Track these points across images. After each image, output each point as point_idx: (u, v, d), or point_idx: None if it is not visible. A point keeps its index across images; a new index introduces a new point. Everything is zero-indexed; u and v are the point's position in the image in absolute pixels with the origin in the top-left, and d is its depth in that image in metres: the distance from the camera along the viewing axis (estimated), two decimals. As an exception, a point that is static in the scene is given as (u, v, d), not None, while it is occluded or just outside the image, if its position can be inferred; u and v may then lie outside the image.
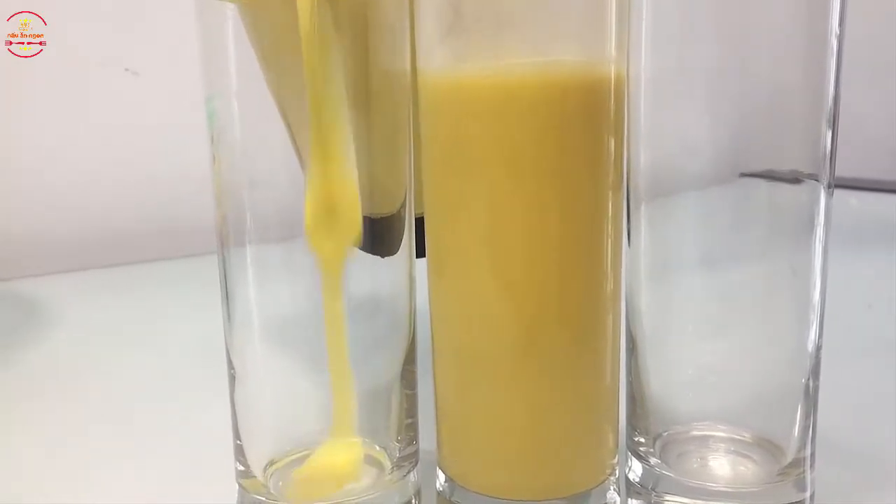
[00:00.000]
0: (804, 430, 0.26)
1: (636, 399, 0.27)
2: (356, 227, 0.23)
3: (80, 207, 0.68)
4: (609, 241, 0.24)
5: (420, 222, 0.25)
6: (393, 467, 0.26)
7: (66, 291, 0.60)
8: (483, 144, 0.23)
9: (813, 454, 0.26)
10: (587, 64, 0.23)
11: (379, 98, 0.24)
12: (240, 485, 0.26)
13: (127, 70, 0.70)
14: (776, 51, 0.24)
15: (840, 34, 0.23)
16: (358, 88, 0.24)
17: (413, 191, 0.25)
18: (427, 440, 0.27)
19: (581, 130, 0.23)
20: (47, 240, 0.67)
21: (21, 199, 0.66)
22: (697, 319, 0.27)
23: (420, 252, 0.26)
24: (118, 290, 0.61)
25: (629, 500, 0.27)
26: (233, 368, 0.25)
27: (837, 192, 0.25)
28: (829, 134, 0.24)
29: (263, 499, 0.25)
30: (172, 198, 0.71)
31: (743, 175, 0.25)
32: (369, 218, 0.24)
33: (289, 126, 0.23)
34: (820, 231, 0.25)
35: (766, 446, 0.26)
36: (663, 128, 0.26)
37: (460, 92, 0.23)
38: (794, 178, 0.24)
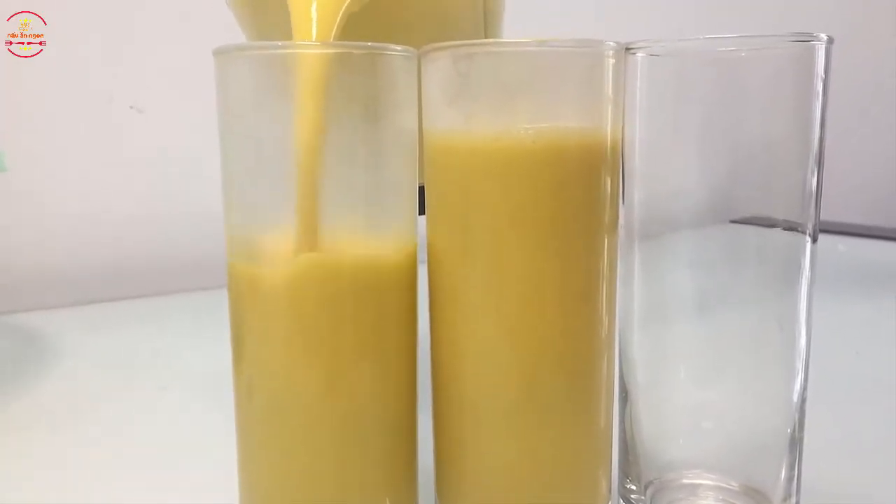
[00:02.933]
0: (789, 479, 0.27)
1: (628, 447, 0.28)
2: None
3: (83, 242, 0.69)
4: (604, 290, 0.26)
5: (421, 189, 0.27)
6: None
7: (70, 325, 0.61)
8: (486, 203, 0.24)
9: (798, 503, 0.27)
10: (585, 129, 0.24)
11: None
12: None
13: (132, 108, 0.71)
14: (764, 101, 0.25)
15: (825, 78, 0.24)
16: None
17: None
18: (426, 482, 0.28)
19: (578, 190, 0.24)
20: (51, 274, 0.68)
21: (25, 232, 0.67)
22: (687, 369, 0.28)
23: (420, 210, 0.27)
24: (120, 324, 0.62)
25: (621, 545, 0.28)
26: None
27: (825, 238, 0.26)
28: (815, 179, 0.25)
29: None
30: (174, 234, 0.72)
31: (733, 222, 0.26)
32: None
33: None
34: (805, 278, 0.26)
35: (753, 495, 0.27)
36: (656, 181, 0.27)
37: (467, 153, 0.24)
38: (781, 225, 0.26)
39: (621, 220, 0.26)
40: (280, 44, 0.24)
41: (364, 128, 0.25)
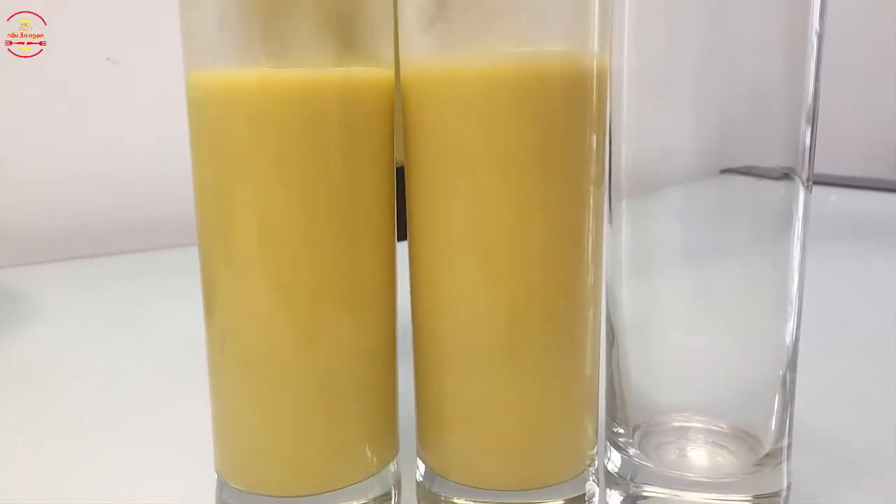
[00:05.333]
0: (781, 421, 0.26)
1: (616, 390, 0.27)
2: None
3: (60, 199, 0.68)
4: (590, 233, 0.24)
5: (400, 171, 0.26)
6: None
7: (46, 281, 0.60)
8: (465, 138, 0.23)
9: (790, 445, 0.26)
10: (570, 55, 0.23)
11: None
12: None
13: (108, 59, 0.69)
14: (758, 48, 0.24)
15: (820, 31, 0.23)
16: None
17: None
18: (407, 431, 0.27)
19: (564, 121, 0.23)
20: (27, 230, 0.66)
21: (1, 189, 0.66)
22: (677, 312, 0.27)
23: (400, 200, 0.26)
24: (98, 281, 0.61)
25: (608, 490, 0.27)
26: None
27: (818, 189, 0.25)
28: (809, 131, 0.24)
29: (243, 489, 0.25)
30: (153, 190, 0.70)
31: (724, 171, 0.25)
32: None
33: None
34: (798, 226, 0.25)
35: (744, 437, 0.27)
36: (645, 123, 0.26)
37: (444, 84, 0.23)
38: (774, 175, 0.25)
39: (608, 157, 0.25)
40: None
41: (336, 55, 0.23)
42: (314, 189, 0.23)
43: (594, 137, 0.24)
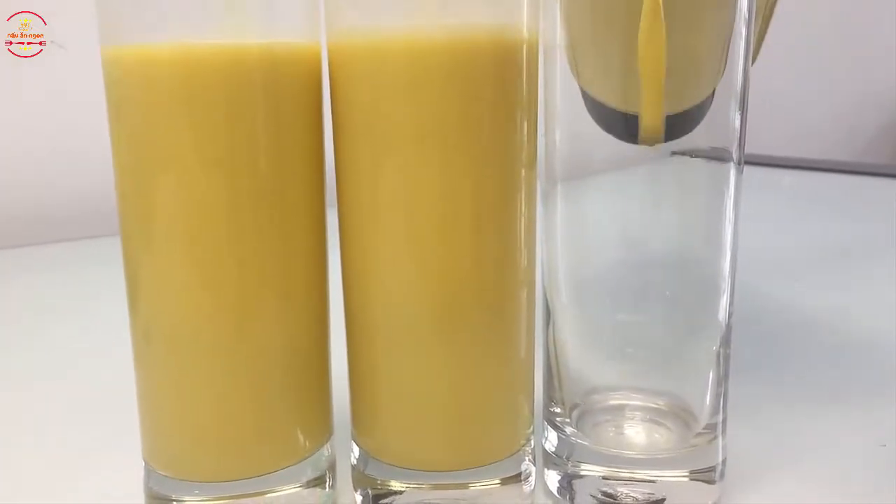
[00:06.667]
0: (716, 397, 0.26)
1: (553, 370, 0.27)
2: None
3: (5, 185, 0.66)
4: (522, 214, 0.24)
5: None
6: None
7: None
8: (392, 113, 0.22)
9: (725, 421, 0.26)
10: (499, 27, 0.22)
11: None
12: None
13: (52, 42, 0.67)
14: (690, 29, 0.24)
15: (749, 19, 0.23)
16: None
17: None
18: (341, 413, 0.27)
19: (493, 96, 0.23)
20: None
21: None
22: (614, 290, 0.27)
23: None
24: (43, 268, 0.60)
25: (545, 469, 0.27)
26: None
27: (771, 171, 0.25)
28: (739, 113, 0.24)
29: (170, 476, 0.24)
30: (101, 176, 0.69)
31: (675, 153, 0.25)
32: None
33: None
34: (730, 204, 0.25)
35: (680, 413, 0.26)
36: (579, 107, 0.25)
37: (370, 56, 0.22)
38: (707, 156, 0.25)
39: (543, 137, 0.25)
40: None
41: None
42: (239, 169, 0.23)
43: (525, 117, 0.23)
